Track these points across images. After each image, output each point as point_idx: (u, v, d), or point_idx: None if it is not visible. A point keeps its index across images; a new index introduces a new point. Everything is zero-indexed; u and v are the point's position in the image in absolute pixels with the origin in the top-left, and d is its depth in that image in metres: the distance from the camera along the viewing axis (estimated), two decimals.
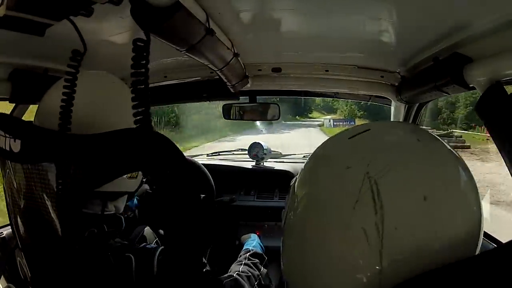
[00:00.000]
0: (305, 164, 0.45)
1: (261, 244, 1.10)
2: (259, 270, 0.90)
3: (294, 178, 0.47)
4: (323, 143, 0.45)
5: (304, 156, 1.93)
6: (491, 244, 0.85)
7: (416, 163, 0.35)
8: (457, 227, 0.34)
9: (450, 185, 0.35)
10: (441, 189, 0.34)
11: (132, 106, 0.44)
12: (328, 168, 0.39)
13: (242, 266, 0.88)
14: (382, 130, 0.44)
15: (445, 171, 0.36)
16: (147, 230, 0.90)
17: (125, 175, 0.64)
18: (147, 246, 0.62)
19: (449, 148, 0.38)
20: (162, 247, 0.59)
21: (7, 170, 0.58)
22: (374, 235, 0.32)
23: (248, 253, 0.97)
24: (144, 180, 0.69)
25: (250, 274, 0.84)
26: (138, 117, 0.44)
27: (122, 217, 0.67)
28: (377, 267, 0.32)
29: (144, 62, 0.43)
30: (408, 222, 0.33)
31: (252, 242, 1.08)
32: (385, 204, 0.32)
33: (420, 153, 0.36)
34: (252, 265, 0.90)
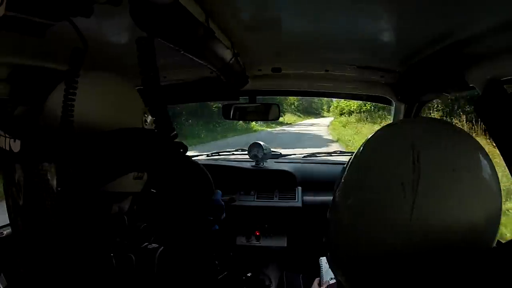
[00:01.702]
0: (357, 150, 0.52)
1: None
2: None
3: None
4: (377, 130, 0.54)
5: (304, 157, 1.93)
6: None
7: (451, 144, 0.44)
8: (478, 205, 0.40)
9: (475, 167, 0.42)
10: (467, 168, 0.42)
11: (148, 108, 0.43)
12: (380, 144, 0.49)
13: None
14: (425, 119, 0.63)
15: (473, 156, 0.44)
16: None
17: (132, 176, 0.64)
18: (148, 246, 0.62)
19: (473, 138, 0.48)
20: (163, 247, 0.59)
21: (7, 170, 0.58)
22: (409, 188, 0.40)
23: None
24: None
25: None
26: (156, 118, 0.44)
27: (126, 216, 0.67)
28: (408, 218, 0.39)
29: (151, 60, 0.43)
30: (438, 185, 0.40)
31: None
32: (422, 167, 0.40)
33: (455, 139, 0.45)
34: None
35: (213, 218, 1.02)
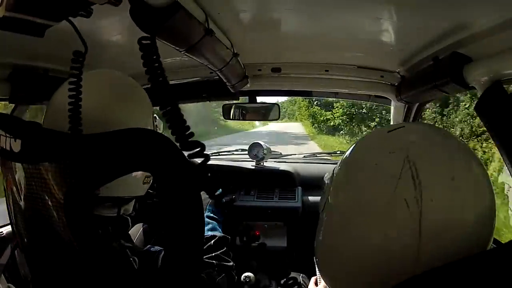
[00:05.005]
0: (343, 156, 0.51)
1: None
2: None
3: (333, 169, 0.52)
4: (361, 138, 0.52)
5: (304, 156, 1.93)
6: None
7: (444, 152, 0.44)
8: (478, 207, 0.41)
9: (470, 171, 0.43)
10: (464, 174, 0.42)
11: (160, 107, 0.43)
12: (371, 155, 0.46)
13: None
14: (414, 126, 0.58)
15: (466, 160, 0.44)
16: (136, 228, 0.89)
17: (141, 181, 0.64)
18: (151, 248, 0.62)
19: (463, 142, 0.48)
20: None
21: (8, 170, 0.58)
22: (414, 205, 0.39)
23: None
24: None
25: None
26: (168, 117, 0.43)
27: (129, 218, 0.67)
28: (417, 235, 0.39)
29: (155, 58, 0.43)
30: (441, 196, 0.40)
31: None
32: (423, 181, 0.40)
33: (449, 146, 0.46)
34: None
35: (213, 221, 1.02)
